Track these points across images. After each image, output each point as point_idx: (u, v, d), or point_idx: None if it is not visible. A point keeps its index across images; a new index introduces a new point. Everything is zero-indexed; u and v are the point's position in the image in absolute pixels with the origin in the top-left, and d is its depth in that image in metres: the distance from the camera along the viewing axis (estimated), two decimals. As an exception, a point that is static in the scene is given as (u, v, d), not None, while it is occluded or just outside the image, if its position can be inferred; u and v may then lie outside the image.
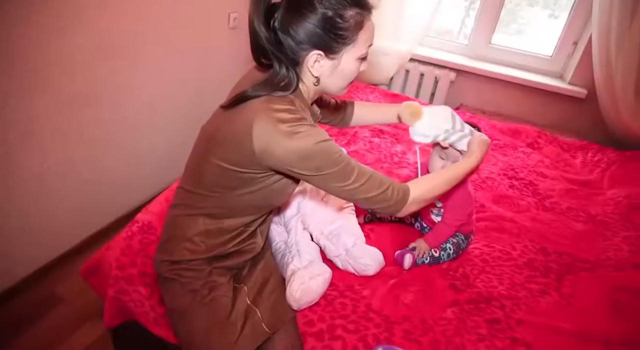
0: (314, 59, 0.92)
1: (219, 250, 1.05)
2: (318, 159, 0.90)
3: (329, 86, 1.00)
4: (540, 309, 1.21)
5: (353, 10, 0.89)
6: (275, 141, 0.87)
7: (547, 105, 2.62)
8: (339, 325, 1.09)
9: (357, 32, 0.92)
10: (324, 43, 0.90)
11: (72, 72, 1.53)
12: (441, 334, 1.10)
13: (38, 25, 1.37)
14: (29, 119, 1.45)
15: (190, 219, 1.04)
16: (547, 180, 1.90)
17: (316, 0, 0.87)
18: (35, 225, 1.62)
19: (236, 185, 0.98)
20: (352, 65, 0.96)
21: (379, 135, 2.09)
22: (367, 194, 0.96)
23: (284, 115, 0.88)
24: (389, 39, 2.73)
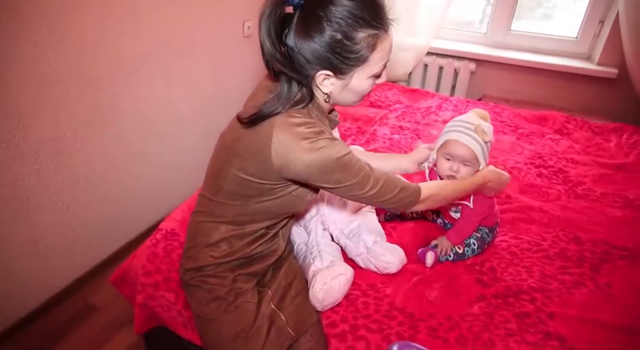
0: (322, 78, 0.90)
1: (242, 254, 1.06)
2: (338, 173, 0.90)
3: (341, 101, 0.98)
4: (575, 301, 1.15)
5: (365, 31, 0.84)
6: (296, 157, 0.87)
7: (575, 89, 2.51)
8: (361, 325, 1.08)
9: (369, 53, 0.87)
10: (332, 65, 0.87)
11: (93, 88, 1.59)
12: (468, 330, 1.06)
13: (61, 48, 1.43)
14: (56, 138, 1.51)
15: (212, 226, 1.05)
16: (579, 167, 1.82)
17: (325, 21, 0.83)
18: (68, 239, 1.68)
19: (255, 194, 0.99)
20: (363, 83, 0.92)
21: (398, 132, 2.06)
22: (382, 197, 0.98)
23: (302, 130, 0.88)
24: (404, 34, 2.69)
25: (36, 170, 1.48)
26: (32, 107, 1.41)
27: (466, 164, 1.23)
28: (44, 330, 1.61)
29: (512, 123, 2.17)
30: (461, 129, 1.22)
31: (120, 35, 1.63)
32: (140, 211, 1.98)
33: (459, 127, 1.23)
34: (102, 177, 1.74)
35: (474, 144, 1.20)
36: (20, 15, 1.30)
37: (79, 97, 1.54)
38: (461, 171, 1.23)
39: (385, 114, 2.23)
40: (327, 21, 0.83)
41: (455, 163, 1.24)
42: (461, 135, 1.21)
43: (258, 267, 1.10)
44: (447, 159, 1.25)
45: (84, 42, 1.51)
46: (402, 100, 2.43)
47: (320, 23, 0.83)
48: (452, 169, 1.24)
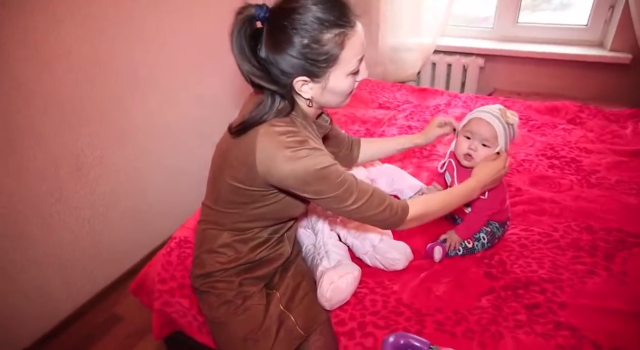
0: (300, 84, 0.92)
1: (247, 259, 1.09)
2: (317, 184, 0.91)
3: (326, 103, 1.00)
4: (587, 290, 1.13)
5: (331, 32, 0.86)
6: (277, 165, 0.90)
7: (588, 77, 2.46)
8: (369, 322, 1.09)
9: (339, 52, 0.88)
10: (306, 70, 0.89)
11: (109, 107, 1.67)
12: (475, 323, 1.06)
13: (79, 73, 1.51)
14: (77, 155, 1.59)
15: (216, 233, 1.10)
16: (592, 155, 1.78)
17: (291, 30, 0.86)
18: (90, 253, 1.75)
19: (250, 201, 1.02)
20: (342, 82, 0.94)
21: (407, 131, 2.07)
22: (365, 213, 0.98)
23: (284, 139, 0.90)
24: (409, 34, 2.70)
25: (57, 187, 1.55)
26: (52, 127, 1.49)
27: (485, 144, 1.22)
28: (70, 343, 1.68)
29: (523, 115, 2.14)
30: (486, 110, 1.23)
31: (133, 54, 1.70)
32: (158, 222, 2.04)
33: (484, 109, 1.24)
34: (121, 192, 1.81)
35: (497, 123, 1.21)
36: (40, 50, 1.38)
37: (95, 116, 1.62)
38: (479, 150, 1.23)
39: (393, 115, 2.24)
40: (292, 29, 0.85)
41: (475, 141, 1.23)
42: (486, 114, 1.22)
43: (264, 270, 1.13)
44: (467, 138, 1.25)
45: (99, 64, 1.58)
46: (411, 99, 2.43)
47: (287, 32, 0.86)
48: (471, 147, 1.24)
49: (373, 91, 2.53)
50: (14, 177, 1.41)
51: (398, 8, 2.62)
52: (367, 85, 2.60)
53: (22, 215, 1.45)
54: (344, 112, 2.27)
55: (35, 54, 1.38)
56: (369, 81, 2.66)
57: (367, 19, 2.68)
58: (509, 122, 1.21)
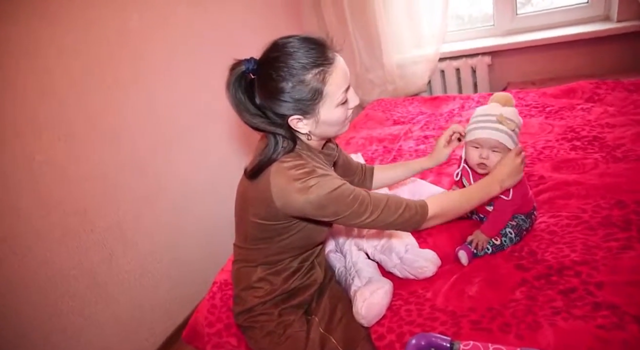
0: (295, 122, 1.01)
1: (282, 289, 1.16)
2: (333, 206, 0.99)
3: (324, 134, 1.07)
4: (624, 266, 1.10)
5: (312, 72, 0.95)
6: (291, 197, 0.98)
7: (601, 53, 2.41)
8: (406, 332, 1.11)
9: (322, 87, 0.96)
10: (297, 109, 0.98)
11: (140, 170, 1.82)
12: (511, 316, 1.05)
13: (105, 146, 1.69)
14: (119, 221, 1.74)
15: (249, 270, 1.18)
16: (616, 129, 1.73)
17: (277, 77, 0.95)
18: (145, 309, 1.87)
19: (275, 235, 1.10)
20: (334, 113, 1.01)
21: (424, 142, 2.10)
22: (386, 221, 1.03)
23: (293, 172, 0.99)
24: (412, 48, 2.78)
25: (108, 255, 1.70)
26: (94, 199, 1.65)
27: (495, 150, 1.23)
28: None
29: (538, 104, 2.12)
30: (484, 125, 1.22)
31: (156, 113, 1.87)
32: (203, 270, 2.15)
33: (481, 123, 1.23)
34: (163, 248, 1.94)
35: (500, 135, 1.20)
36: (76, 136, 1.56)
37: (129, 181, 1.78)
38: (491, 158, 1.24)
39: (409, 128, 2.28)
40: (278, 76, 0.95)
41: (485, 150, 1.24)
42: (485, 130, 1.21)
43: (301, 298, 1.19)
44: (476, 147, 1.27)
45: (121, 130, 1.76)
46: (424, 110, 2.47)
47: (274, 79, 0.96)
48: (482, 156, 1.25)
49: (387, 109, 2.59)
50: (64, 251, 1.55)
51: (396, 25, 2.72)
52: (380, 105, 2.66)
53: (75, 279, 1.58)
54: (362, 135, 2.34)
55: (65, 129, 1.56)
56: (382, 100, 2.73)
57: (368, 41, 2.79)
58: (511, 128, 1.21)
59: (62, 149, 1.53)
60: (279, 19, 2.74)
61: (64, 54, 1.52)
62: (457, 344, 0.77)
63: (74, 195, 1.57)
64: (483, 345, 0.75)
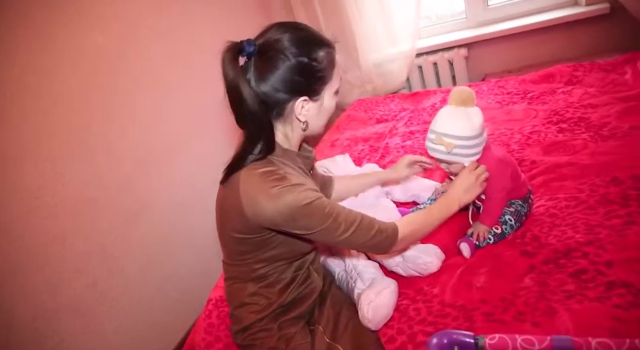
0: (300, 106, 0.96)
1: (279, 303, 1.09)
2: (304, 220, 0.93)
3: (315, 126, 1.04)
4: (630, 242, 1.08)
5: (323, 50, 0.94)
6: (261, 206, 0.92)
7: (574, 37, 2.44)
8: (418, 332, 1.06)
9: (331, 69, 0.97)
10: (307, 88, 0.95)
11: (121, 192, 1.74)
12: (524, 304, 1.02)
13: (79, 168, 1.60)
14: (103, 244, 1.65)
15: (240, 286, 1.11)
16: (599, 109, 1.73)
17: (288, 52, 0.91)
18: (139, 334, 1.78)
19: (257, 248, 1.03)
20: (332, 101, 1.01)
21: (409, 138, 2.07)
22: (357, 242, 1.00)
23: (264, 179, 0.93)
24: (388, 45, 2.76)
25: (91, 281, 1.60)
26: (74, 222, 1.55)
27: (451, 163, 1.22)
28: None
29: (519, 90, 2.12)
30: (428, 143, 1.21)
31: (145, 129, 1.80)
32: (197, 288, 2.06)
33: (428, 140, 1.21)
34: (152, 269, 1.85)
35: (442, 156, 1.19)
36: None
37: (112, 201, 1.69)
38: (452, 169, 1.24)
39: (393, 126, 2.25)
40: (289, 51, 0.91)
41: (443, 163, 1.25)
42: (429, 149, 1.22)
43: (300, 309, 1.12)
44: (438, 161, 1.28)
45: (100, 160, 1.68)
46: (406, 106, 2.45)
47: (284, 54, 0.91)
48: (443, 167, 1.27)
49: (368, 109, 2.56)
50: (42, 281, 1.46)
51: (370, 24, 2.70)
52: (361, 105, 2.64)
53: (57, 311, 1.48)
54: (346, 136, 2.30)
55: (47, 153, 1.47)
56: (362, 100, 2.70)
57: (343, 42, 2.75)
58: (448, 151, 1.16)
59: (39, 174, 1.44)
60: (250, 22, 2.70)
61: (41, 76, 1.45)
62: (481, 339, 0.73)
63: (50, 220, 1.48)
64: (510, 337, 0.70)
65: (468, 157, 1.18)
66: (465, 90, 1.18)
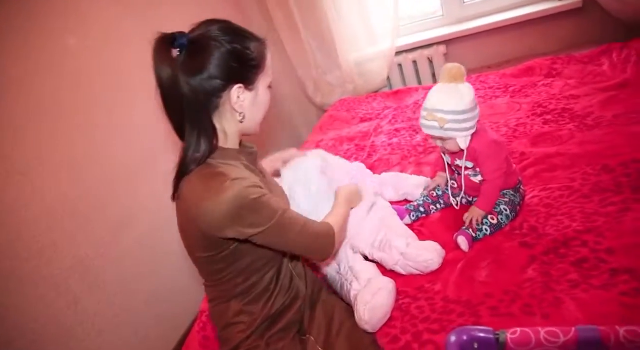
0: (236, 94, 0.93)
1: (264, 317, 1.04)
2: (251, 216, 0.89)
3: (253, 120, 1.01)
4: (628, 228, 1.08)
5: (254, 42, 0.96)
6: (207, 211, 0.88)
7: (550, 31, 2.48)
8: (423, 330, 1.03)
9: (264, 60, 0.98)
10: (242, 75, 0.94)
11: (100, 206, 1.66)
12: (530, 296, 1.00)
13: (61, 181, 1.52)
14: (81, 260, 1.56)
15: (223, 306, 1.06)
16: (581, 100, 1.76)
17: (221, 39, 0.91)
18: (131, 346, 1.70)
19: (229, 264, 0.99)
20: (266, 94, 1.01)
21: (396, 135, 2.06)
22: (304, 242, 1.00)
23: (205, 183, 0.90)
24: (367, 45, 2.75)
25: (72, 299, 1.51)
26: (51, 239, 1.47)
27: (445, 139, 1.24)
28: None
29: (501, 85, 2.14)
30: (422, 121, 1.25)
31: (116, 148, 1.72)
32: (186, 302, 1.98)
33: (421, 118, 1.24)
34: (136, 283, 1.77)
35: (434, 131, 1.22)
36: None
37: (91, 215, 1.60)
38: (446, 146, 1.27)
39: (378, 124, 2.24)
40: (222, 38, 0.91)
41: (436, 140, 1.28)
42: (423, 126, 1.25)
43: (286, 320, 1.07)
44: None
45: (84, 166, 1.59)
46: (389, 104, 2.44)
47: (217, 41, 0.90)
48: (437, 144, 1.30)
49: (351, 109, 2.54)
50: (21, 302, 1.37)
51: (348, 23, 2.68)
52: (343, 105, 2.61)
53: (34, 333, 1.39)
54: (330, 136, 2.27)
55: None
56: (344, 101, 2.68)
57: (322, 43, 2.74)
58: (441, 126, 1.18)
59: (12, 187, 1.35)
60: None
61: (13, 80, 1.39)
62: (502, 334, 0.70)
63: (26, 237, 1.39)
64: (533, 330, 0.68)
65: (462, 132, 1.20)
66: (454, 66, 1.21)
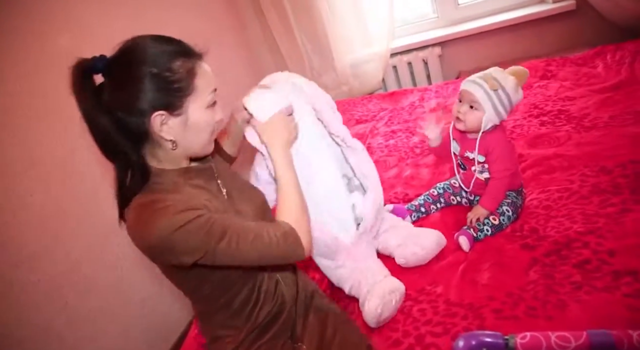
0: (158, 121, 0.85)
1: (250, 327, 1.00)
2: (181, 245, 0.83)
3: (191, 145, 0.93)
4: (629, 230, 1.09)
5: (179, 60, 0.85)
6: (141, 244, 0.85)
7: (543, 33, 2.50)
8: (426, 333, 1.02)
9: (192, 80, 0.87)
10: (163, 101, 0.84)
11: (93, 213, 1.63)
12: (533, 298, 1.00)
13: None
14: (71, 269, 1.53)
15: (208, 320, 1.04)
16: (577, 101, 1.77)
17: (140, 63, 0.83)
18: None
19: (201, 280, 0.95)
20: (202, 115, 0.90)
21: (392, 137, 2.05)
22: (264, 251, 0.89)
23: (138, 212, 0.86)
24: (363, 47, 2.74)
25: (63, 304, 1.47)
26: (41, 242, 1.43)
27: (473, 107, 1.23)
28: None
29: (496, 86, 2.14)
30: (471, 78, 1.24)
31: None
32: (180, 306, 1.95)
33: (471, 77, 1.25)
34: (130, 287, 1.73)
35: (477, 89, 1.20)
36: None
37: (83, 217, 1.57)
38: (467, 114, 1.24)
39: (373, 126, 2.23)
40: (139, 63, 0.83)
41: (464, 105, 1.24)
42: (467, 83, 1.24)
43: (275, 327, 1.03)
44: (459, 100, 1.28)
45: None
46: (385, 106, 2.43)
47: (136, 66, 0.83)
48: (460, 110, 1.26)
49: (346, 110, 2.53)
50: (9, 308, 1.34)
51: (344, 25, 2.67)
52: (339, 106, 2.55)
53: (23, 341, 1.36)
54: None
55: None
56: (339, 102, 2.64)
57: (317, 45, 2.72)
58: (493, 88, 1.19)
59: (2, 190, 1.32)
60: (221, 29, 2.62)
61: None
62: (512, 339, 0.69)
63: (16, 242, 1.35)
64: (543, 335, 0.67)
65: (494, 111, 1.21)
66: (522, 68, 1.25)
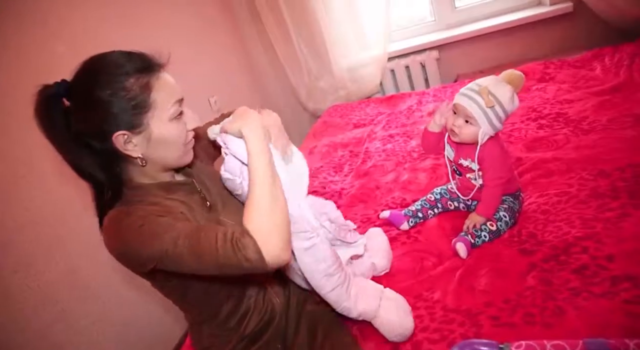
0: (121, 141, 0.84)
1: (237, 338, 1.00)
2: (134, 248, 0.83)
3: (163, 159, 0.91)
4: (628, 234, 1.07)
5: (134, 77, 0.84)
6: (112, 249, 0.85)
7: (541, 36, 2.50)
8: (423, 340, 1.01)
9: (148, 95, 0.84)
10: (121, 121, 0.84)
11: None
12: (531, 305, 0.99)
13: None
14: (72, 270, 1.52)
15: (197, 329, 1.04)
16: (575, 104, 1.76)
17: (95, 86, 0.83)
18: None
19: (182, 293, 0.96)
20: (169, 128, 0.87)
21: (390, 141, 2.04)
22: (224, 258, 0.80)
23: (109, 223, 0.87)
24: (360, 51, 2.74)
25: (60, 311, 1.47)
26: (38, 248, 1.42)
27: (469, 121, 1.20)
28: None
29: (494, 90, 2.14)
30: (466, 92, 1.20)
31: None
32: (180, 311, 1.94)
33: (466, 89, 1.21)
34: (129, 291, 1.72)
35: (472, 106, 1.17)
36: None
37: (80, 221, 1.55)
38: (462, 128, 1.21)
39: (371, 130, 2.22)
40: (94, 86, 0.83)
41: (459, 118, 1.21)
42: (462, 97, 1.20)
43: (266, 337, 1.02)
44: (454, 112, 1.24)
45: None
46: (382, 110, 2.43)
47: (91, 90, 0.83)
48: (455, 123, 1.22)
49: (344, 114, 2.52)
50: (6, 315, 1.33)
51: (340, 29, 2.67)
52: (337, 111, 2.59)
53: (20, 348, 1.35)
54: (324, 143, 2.24)
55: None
56: (337, 106, 2.66)
57: (314, 49, 2.72)
58: (488, 106, 1.15)
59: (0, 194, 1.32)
60: (217, 34, 2.62)
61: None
62: (506, 348, 0.68)
63: (13, 246, 1.34)
64: (538, 343, 0.66)
65: (488, 126, 1.18)
66: (518, 73, 1.20)
